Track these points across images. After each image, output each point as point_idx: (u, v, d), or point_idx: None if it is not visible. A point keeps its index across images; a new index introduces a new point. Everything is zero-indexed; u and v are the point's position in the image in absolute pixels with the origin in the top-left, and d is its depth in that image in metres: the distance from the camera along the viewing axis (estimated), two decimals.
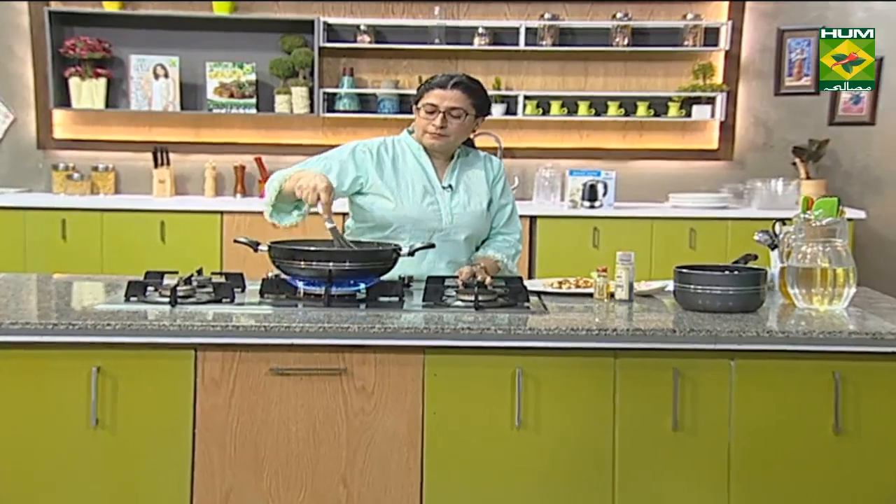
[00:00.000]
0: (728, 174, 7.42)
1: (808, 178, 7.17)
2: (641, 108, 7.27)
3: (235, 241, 3.63)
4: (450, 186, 3.92)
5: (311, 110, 7.19)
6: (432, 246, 3.68)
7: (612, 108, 7.26)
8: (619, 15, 7.21)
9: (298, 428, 3.16)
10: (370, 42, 7.20)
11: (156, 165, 7.23)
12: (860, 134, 7.38)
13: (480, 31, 7.19)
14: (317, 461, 3.17)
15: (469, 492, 3.18)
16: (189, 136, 7.42)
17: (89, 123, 7.39)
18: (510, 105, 7.21)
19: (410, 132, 4.00)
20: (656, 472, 3.17)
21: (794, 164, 7.26)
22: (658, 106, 7.33)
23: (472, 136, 4.06)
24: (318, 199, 3.45)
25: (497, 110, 7.09)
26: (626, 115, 7.30)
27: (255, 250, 3.53)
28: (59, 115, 7.35)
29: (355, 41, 7.21)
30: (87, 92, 7.16)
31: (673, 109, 7.28)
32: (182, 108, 7.22)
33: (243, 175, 7.32)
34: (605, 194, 6.88)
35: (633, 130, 7.44)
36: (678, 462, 3.16)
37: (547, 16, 7.19)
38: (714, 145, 7.45)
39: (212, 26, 7.27)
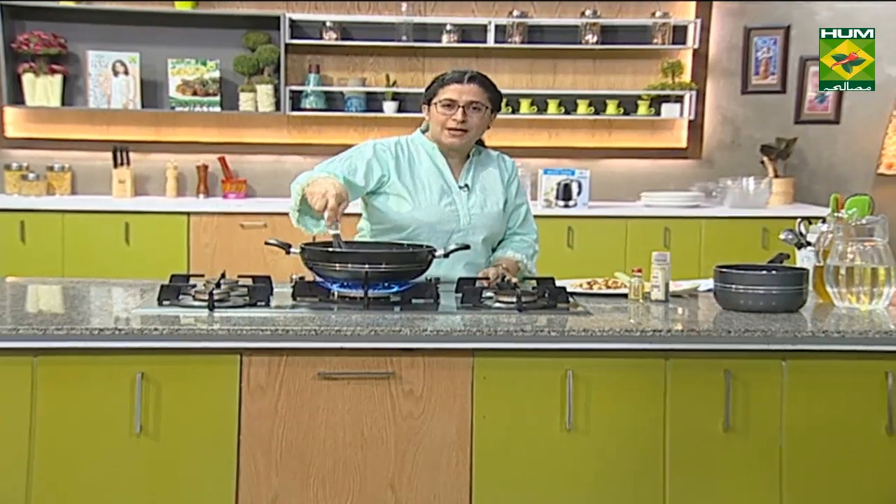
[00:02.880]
0: (697, 172, 7.53)
1: (776, 176, 7.31)
2: (611, 107, 7.35)
3: (267, 244, 3.59)
4: (466, 186, 3.92)
5: (277, 108, 7.15)
6: (467, 247, 3.68)
7: (582, 107, 7.33)
8: (587, 13, 7.28)
9: (346, 433, 3.15)
10: (336, 39, 7.18)
11: (115, 165, 7.13)
12: (825, 132, 7.52)
13: (448, 28, 7.22)
14: (364, 467, 3.17)
15: (519, 496, 3.19)
16: (149, 134, 7.34)
17: (43, 122, 7.27)
18: None
19: (423, 131, 3.99)
20: (708, 473, 3.21)
21: (763, 162, 7.40)
22: (627, 104, 7.41)
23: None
24: (327, 204, 3.43)
25: None
26: (596, 113, 7.37)
27: (288, 252, 3.50)
28: (10, 112, 7.22)
29: (321, 38, 7.19)
30: (42, 89, 7.04)
31: (642, 108, 7.37)
32: (143, 106, 7.13)
33: (206, 175, 7.25)
34: (579, 193, 6.94)
35: (603, 129, 7.52)
36: (730, 463, 3.21)
37: (515, 13, 7.25)
38: (683, 144, 7.57)
39: (173, 22, 7.18)
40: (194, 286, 3.50)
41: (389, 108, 7.25)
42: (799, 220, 3.87)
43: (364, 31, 7.27)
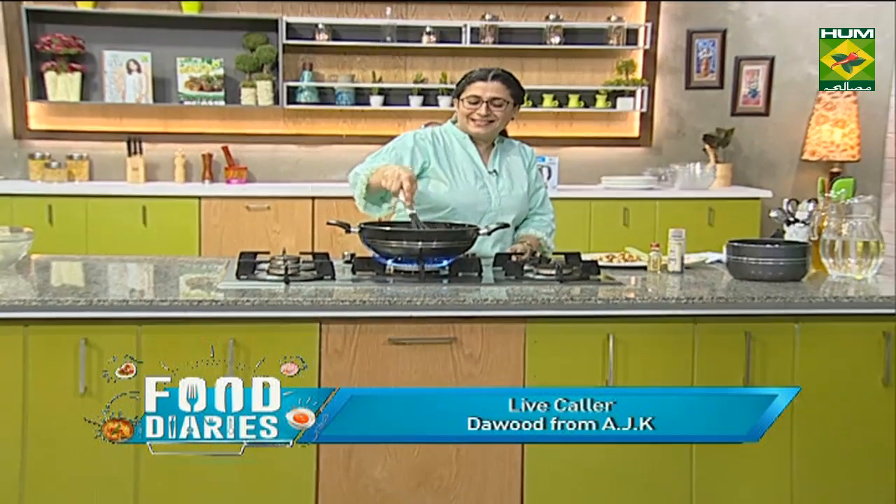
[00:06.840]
0: (647, 159, 7.57)
1: (717, 162, 7.40)
2: (573, 101, 7.37)
3: (328, 224, 3.60)
4: (495, 172, 3.94)
5: (275, 102, 7.09)
6: (507, 225, 3.71)
7: (547, 101, 7.34)
8: (551, 16, 7.28)
9: None
10: (328, 40, 7.12)
11: (129, 154, 7.03)
12: (757, 123, 7.64)
13: (428, 29, 7.19)
14: None
15: (567, 446, 3.22)
16: (159, 126, 7.22)
17: (63, 115, 7.13)
18: None
19: (454, 122, 4.00)
20: None
21: (705, 149, 7.48)
22: (587, 98, 7.44)
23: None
24: (402, 186, 3.43)
25: (444, 102, 7.18)
26: (560, 106, 7.39)
27: (348, 231, 3.50)
28: (34, 107, 7.07)
29: (314, 39, 7.12)
30: (63, 85, 6.90)
31: (600, 101, 7.40)
32: (154, 100, 7.03)
33: (210, 162, 7.17)
34: (549, 178, 6.97)
35: (565, 120, 7.54)
36: None
37: (487, 16, 7.23)
38: (635, 133, 7.60)
39: (181, 24, 7.08)
40: (263, 262, 3.50)
41: (376, 101, 7.22)
42: (786, 199, 3.91)
43: (352, 33, 7.21)
